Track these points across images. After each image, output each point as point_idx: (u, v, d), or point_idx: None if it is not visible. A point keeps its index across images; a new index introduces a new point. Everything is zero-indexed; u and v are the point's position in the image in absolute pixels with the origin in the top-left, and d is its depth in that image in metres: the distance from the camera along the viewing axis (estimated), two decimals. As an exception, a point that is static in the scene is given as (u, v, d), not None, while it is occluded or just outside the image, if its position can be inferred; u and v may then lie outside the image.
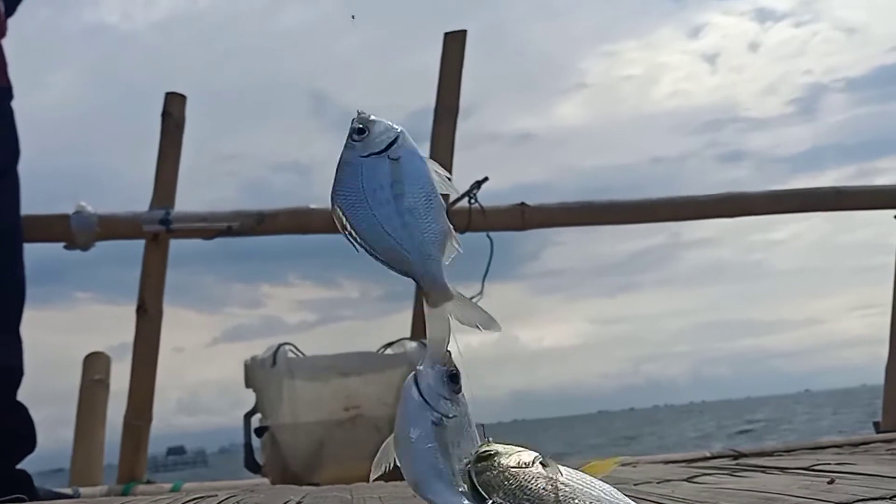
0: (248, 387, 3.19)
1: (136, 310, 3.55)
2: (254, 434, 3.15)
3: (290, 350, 3.17)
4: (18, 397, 2.37)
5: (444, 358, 1.00)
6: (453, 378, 0.99)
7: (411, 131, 1.02)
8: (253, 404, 3.18)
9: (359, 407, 2.96)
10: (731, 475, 1.75)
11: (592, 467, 1.03)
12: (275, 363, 3.08)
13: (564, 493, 0.94)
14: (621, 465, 2.50)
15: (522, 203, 3.75)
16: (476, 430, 1.00)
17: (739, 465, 2.04)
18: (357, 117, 1.02)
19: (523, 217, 3.74)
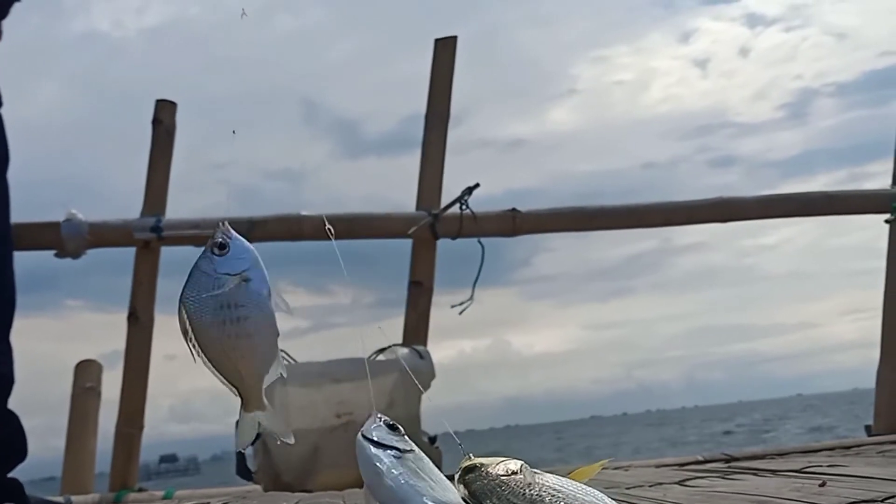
0: (240, 394, 3.18)
1: (128, 317, 3.54)
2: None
3: (282, 357, 3.16)
4: (9, 405, 2.35)
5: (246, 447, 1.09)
6: (392, 427, 1.07)
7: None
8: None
9: (351, 413, 2.95)
10: (723, 478, 1.76)
11: (579, 473, 1.05)
12: (267, 370, 3.07)
13: (553, 497, 0.95)
14: (613, 468, 2.50)
15: (513, 209, 3.75)
16: (436, 468, 1.04)
17: (731, 469, 2.05)
18: (219, 230, 1.09)
19: (514, 223, 3.75)
